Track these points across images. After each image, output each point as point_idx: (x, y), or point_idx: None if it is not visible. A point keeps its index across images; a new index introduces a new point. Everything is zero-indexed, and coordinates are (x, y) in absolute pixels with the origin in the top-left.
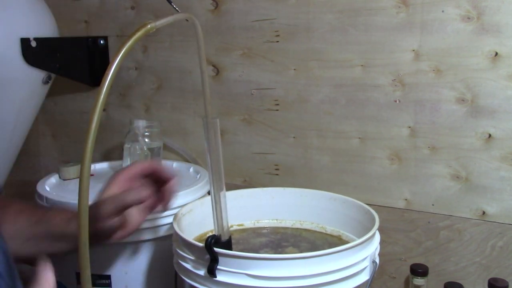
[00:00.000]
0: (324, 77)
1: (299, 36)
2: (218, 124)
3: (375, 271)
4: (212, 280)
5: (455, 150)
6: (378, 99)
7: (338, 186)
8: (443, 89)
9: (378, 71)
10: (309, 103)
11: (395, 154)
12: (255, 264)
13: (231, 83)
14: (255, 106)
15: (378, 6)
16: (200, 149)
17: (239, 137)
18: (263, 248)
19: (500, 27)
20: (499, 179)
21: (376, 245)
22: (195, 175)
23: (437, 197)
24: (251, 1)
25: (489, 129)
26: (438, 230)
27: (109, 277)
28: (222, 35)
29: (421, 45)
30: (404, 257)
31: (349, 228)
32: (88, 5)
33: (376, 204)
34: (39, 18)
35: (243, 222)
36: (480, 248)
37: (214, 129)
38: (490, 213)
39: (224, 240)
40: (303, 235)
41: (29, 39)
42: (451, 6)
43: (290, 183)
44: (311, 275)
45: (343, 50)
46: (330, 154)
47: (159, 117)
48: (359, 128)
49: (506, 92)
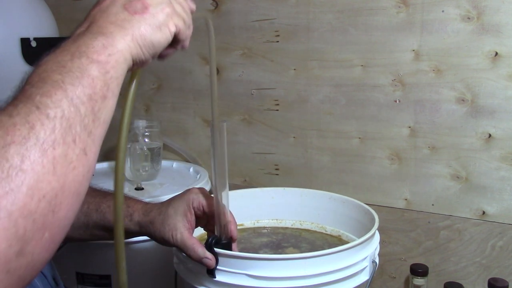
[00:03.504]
0: (324, 77)
1: (299, 36)
2: (225, 128)
3: (375, 271)
4: (212, 281)
5: (455, 150)
6: (378, 99)
7: (338, 186)
8: (443, 89)
9: (378, 71)
10: (309, 103)
11: (395, 154)
12: (255, 265)
13: (231, 83)
14: (255, 106)
15: (378, 6)
16: (200, 149)
17: (239, 137)
18: (263, 248)
19: (500, 27)
20: (499, 179)
21: (376, 245)
22: (195, 175)
23: (437, 197)
24: (251, 1)
25: (489, 129)
26: (438, 230)
27: (109, 277)
28: (222, 35)
29: (421, 45)
30: (404, 257)
31: (349, 228)
32: (88, 5)
33: (376, 204)
34: (39, 18)
35: (243, 222)
36: (480, 248)
37: (221, 132)
38: (490, 213)
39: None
40: (303, 235)
41: (29, 39)
42: (451, 6)
43: (290, 183)
44: (311, 275)
45: (343, 50)
46: (330, 154)
47: (159, 117)
48: (359, 128)
49: (506, 92)
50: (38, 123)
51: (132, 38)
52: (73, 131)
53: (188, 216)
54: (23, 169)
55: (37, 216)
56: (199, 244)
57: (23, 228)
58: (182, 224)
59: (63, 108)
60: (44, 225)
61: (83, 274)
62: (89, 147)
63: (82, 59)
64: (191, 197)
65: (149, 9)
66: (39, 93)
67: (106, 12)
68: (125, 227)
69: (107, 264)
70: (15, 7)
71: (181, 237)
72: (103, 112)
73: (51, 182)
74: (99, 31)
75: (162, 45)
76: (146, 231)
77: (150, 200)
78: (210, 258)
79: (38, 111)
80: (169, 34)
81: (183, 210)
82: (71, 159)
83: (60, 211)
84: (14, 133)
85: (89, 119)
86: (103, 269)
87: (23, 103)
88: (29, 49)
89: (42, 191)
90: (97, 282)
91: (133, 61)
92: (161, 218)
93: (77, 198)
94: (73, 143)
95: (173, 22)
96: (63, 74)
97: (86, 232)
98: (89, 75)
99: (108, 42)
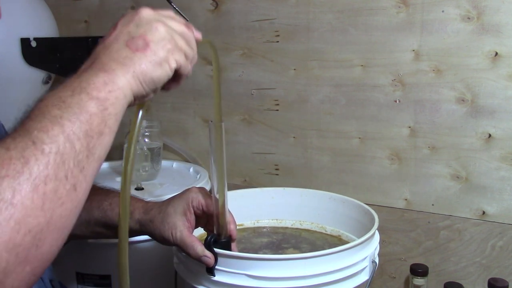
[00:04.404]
0: (324, 77)
1: (299, 36)
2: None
3: (375, 271)
4: (212, 281)
5: (455, 150)
6: (378, 99)
7: (338, 186)
8: (443, 89)
9: (378, 71)
10: (309, 103)
11: (395, 154)
12: (254, 265)
13: (231, 83)
14: (255, 106)
15: (378, 6)
16: (200, 149)
17: (239, 137)
18: (263, 249)
19: (500, 27)
20: (499, 179)
21: (376, 245)
22: (195, 175)
23: (437, 197)
24: (251, 1)
25: (489, 129)
26: (438, 230)
27: (109, 277)
28: (222, 35)
29: (421, 45)
30: (404, 257)
31: (349, 228)
32: (88, 5)
33: (376, 204)
34: (39, 18)
35: (243, 222)
36: (480, 248)
37: (219, 132)
38: (490, 213)
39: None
40: (303, 235)
41: (29, 39)
42: (451, 6)
43: (290, 183)
44: (311, 276)
45: (343, 50)
46: (330, 154)
47: (159, 117)
48: (359, 128)
49: (506, 92)
50: (32, 158)
51: (133, 75)
52: (66, 167)
53: (187, 215)
54: (13, 203)
55: (20, 250)
56: (198, 242)
57: (6, 261)
58: (182, 223)
59: (58, 143)
60: (26, 259)
61: (83, 274)
62: (79, 183)
63: (82, 95)
64: (190, 196)
65: (150, 46)
66: (36, 127)
67: (109, 49)
68: None
69: (107, 264)
70: (15, 7)
71: (180, 235)
72: (98, 148)
73: (38, 217)
74: (101, 68)
75: (162, 80)
76: (146, 230)
77: (150, 200)
78: (209, 257)
79: (34, 146)
80: (169, 70)
81: (182, 209)
82: (60, 195)
83: (43, 245)
84: (9, 167)
85: (83, 155)
86: (103, 269)
87: (21, 137)
88: (29, 49)
89: (28, 226)
90: (97, 282)
91: (134, 96)
92: (161, 217)
93: (61, 233)
94: (64, 178)
95: (173, 58)
96: (62, 110)
97: (88, 229)
98: (87, 111)
99: (109, 78)
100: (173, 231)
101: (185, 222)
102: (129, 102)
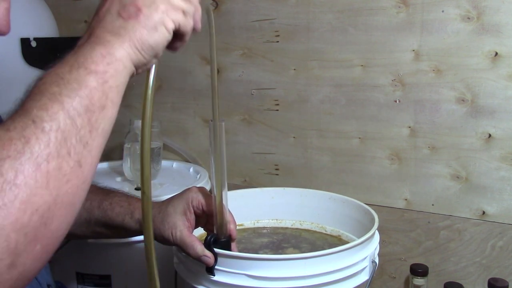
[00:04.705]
0: (324, 77)
1: (299, 36)
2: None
3: (375, 271)
4: (212, 281)
5: (455, 150)
6: (378, 99)
7: (338, 186)
8: (443, 89)
9: (378, 71)
10: (309, 103)
11: (395, 154)
12: (254, 265)
13: (231, 83)
14: (255, 106)
15: (378, 6)
16: (200, 149)
17: (239, 137)
18: (263, 249)
19: (500, 27)
20: (499, 179)
21: (376, 245)
22: (195, 175)
23: (437, 197)
24: (251, 1)
25: (489, 129)
26: (438, 230)
27: (109, 277)
28: (222, 35)
29: (421, 45)
30: (404, 257)
31: (349, 228)
32: (88, 5)
33: (376, 204)
34: (39, 18)
35: (243, 222)
36: (480, 248)
37: (220, 131)
38: (490, 213)
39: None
40: (303, 235)
41: (29, 39)
42: (451, 6)
43: (290, 183)
44: (311, 275)
45: (343, 50)
46: (330, 154)
47: (159, 117)
48: (359, 128)
49: (506, 92)
50: (33, 137)
51: (129, 44)
52: (68, 144)
53: (187, 214)
54: (16, 184)
55: (29, 229)
56: (198, 242)
57: (15, 242)
58: (182, 223)
59: (59, 120)
60: (36, 238)
61: (83, 274)
62: (84, 158)
63: (80, 70)
64: (190, 196)
65: (143, 11)
66: (36, 106)
67: (102, 21)
68: (126, 224)
69: (107, 264)
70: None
71: (180, 235)
72: (101, 122)
73: (44, 195)
74: (97, 41)
75: (161, 44)
76: None
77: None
78: (209, 256)
79: (34, 125)
80: (167, 32)
81: (182, 208)
82: (65, 172)
83: (52, 223)
84: (9, 147)
85: (85, 130)
86: (103, 269)
87: (21, 116)
88: (29, 49)
89: (34, 205)
90: (97, 282)
91: (134, 66)
92: (160, 217)
93: (70, 209)
94: (67, 155)
95: (169, 18)
96: (61, 86)
97: (88, 229)
98: (87, 86)
99: (106, 51)
100: (173, 231)
101: (185, 221)
102: (131, 73)
